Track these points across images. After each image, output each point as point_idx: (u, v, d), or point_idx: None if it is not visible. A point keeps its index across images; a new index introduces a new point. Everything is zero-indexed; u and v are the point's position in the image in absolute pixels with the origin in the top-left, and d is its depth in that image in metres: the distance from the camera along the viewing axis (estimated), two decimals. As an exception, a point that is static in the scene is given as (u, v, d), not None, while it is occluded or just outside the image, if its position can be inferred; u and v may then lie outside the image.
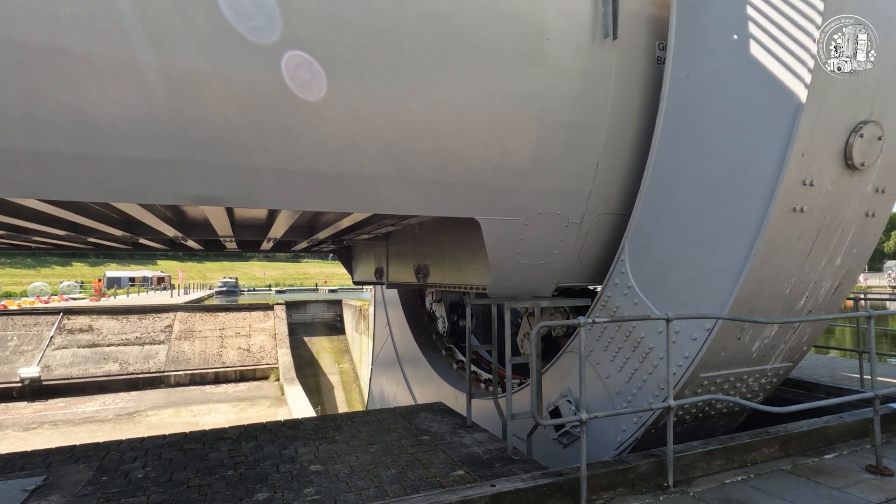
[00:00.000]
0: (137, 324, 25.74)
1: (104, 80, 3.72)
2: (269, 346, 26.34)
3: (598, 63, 5.22)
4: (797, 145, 4.06)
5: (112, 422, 17.76)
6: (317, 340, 31.72)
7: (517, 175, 5.27)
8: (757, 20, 4.40)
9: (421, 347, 11.47)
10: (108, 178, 3.88)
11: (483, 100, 4.86)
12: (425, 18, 4.50)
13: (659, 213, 5.15)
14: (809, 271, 4.66)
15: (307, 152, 4.42)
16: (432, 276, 7.75)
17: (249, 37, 4.00)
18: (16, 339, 23.48)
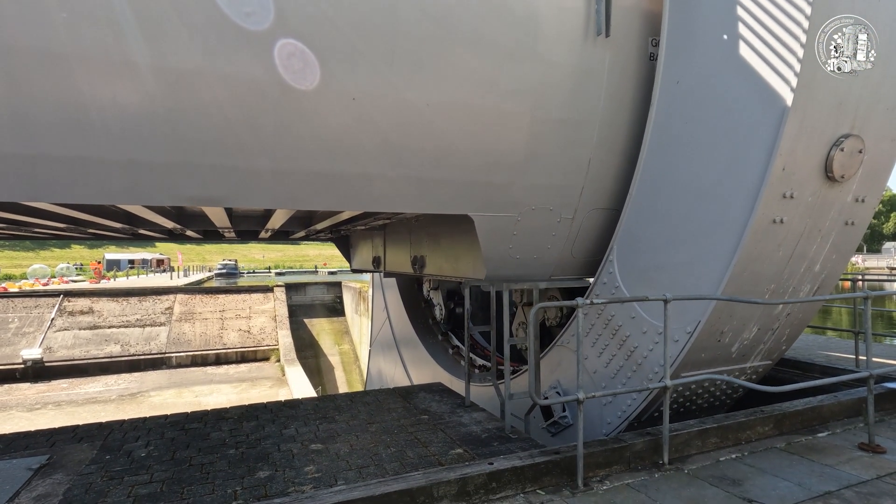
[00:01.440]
0: (138, 306, 25.86)
1: (97, 81, 3.74)
2: (269, 327, 26.51)
3: (591, 60, 5.23)
4: (778, 160, 4.13)
5: (115, 402, 17.96)
6: (317, 322, 31.92)
7: (510, 171, 5.31)
8: (744, 35, 4.44)
9: (417, 332, 11.58)
10: (104, 180, 3.92)
11: (477, 96, 4.89)
12: (420, 13, 4.50)
13: (646, 217, 5.23)
14: (789, 277, 4.77)
15: (303, 151, 4.46)
16: (428, 267, 7.80)
17: (241, 23, 3.98)
18: (17, 321, 23.60)
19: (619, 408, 5.31)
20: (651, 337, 4.95)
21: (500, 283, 5.97)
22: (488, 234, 5.53)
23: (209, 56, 3.93)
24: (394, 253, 9.77)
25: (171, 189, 4.11)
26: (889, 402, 5.34)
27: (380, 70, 4.45)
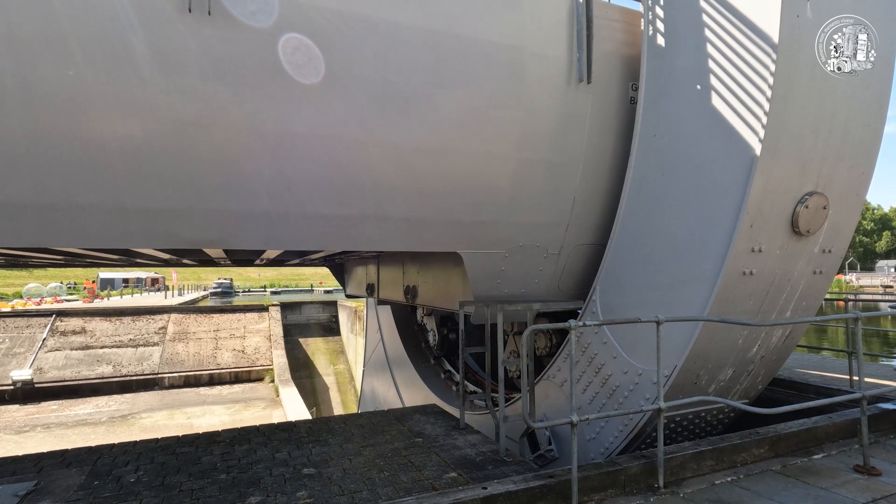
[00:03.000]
0: (131, 325, 25.64)
1: (103, 131, 3.91)
2: (263, 347, 26.29)
3: (573, 104, 5.46)
4: (746, 217, 4.32)
5: (105, 424, 17.68)
6: (312, 342, 31.67)
7: (497, 210, 5.50)
8: (714, 93, 4.67)
9: (410, 356, 11.60)
10: (107, 227, 4.09)
11: (463, 140, 5.09)
12: (408, 63, 4.73)
13: (627, 262, 5.41)
14: (763, 318, 4.90)
15: (296, 194, 4.63)
16: (420, 297, 7.89)
17: (238, 75, 4.20)
18: (7, 341, 23.33)
19: (602, 443, 5.36)
20: (631, 377, 5.09)
21: (494, 304, 6.00)
22: (477, 270, 5.68)
23: (208, 106, 4.11)
24: (387, 281, 9.83)
25: (170, 233, 4.26)
26: (884, 423, 5.33)
27: (370, 117, 4.65)
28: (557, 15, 5.36)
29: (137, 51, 3.88)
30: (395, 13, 4.63)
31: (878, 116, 4.61)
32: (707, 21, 4.72)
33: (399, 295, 8.68)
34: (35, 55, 3.64)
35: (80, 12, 3.71)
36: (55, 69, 3.70)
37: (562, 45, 5.36)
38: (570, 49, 5.38)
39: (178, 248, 4.86)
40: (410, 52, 4.70)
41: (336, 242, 4.99)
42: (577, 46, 5.38)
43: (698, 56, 4.79)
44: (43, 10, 3.62)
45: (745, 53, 4.38)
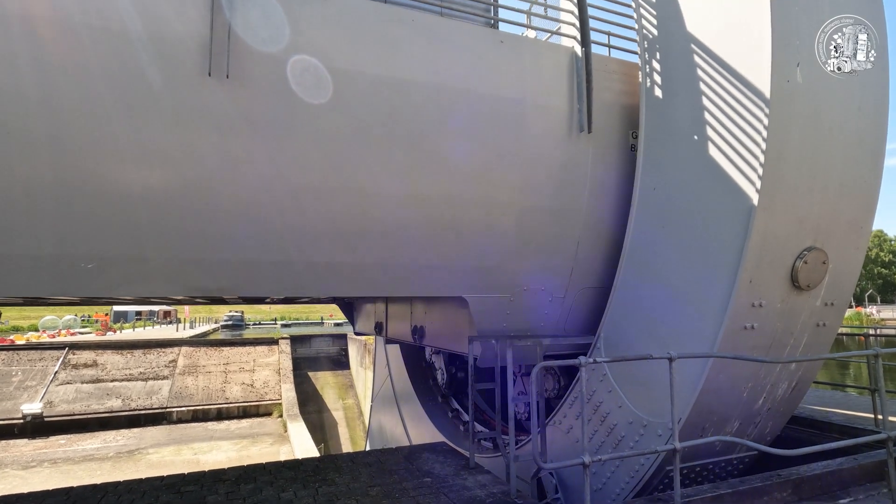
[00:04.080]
0: (142, 359, 25.76)
1: (124, 186, 4.16)
2: (272, 381, 26.20)
3: (575, 153, 5.65)
4: (745, 273, 4.36)
5: (112, 460, 17.59)
6: (321, 375, 31.49)
7: (502, 256, 5.62)
8: (710, 149, 4.78)
9: (418, 393, 11.56)
10: (127, 277, 4.28)
11: (468, 188, 5.28)
12: (415, 115, 4.97)
13: (629, 313, 5.45)
14: (765, 376, 4.90)
15: (305, 242, 4.80)
16: (428, 338, 7.96)
17: (250, 132, 4.45)
18: (20, 374, 23.52)
19: (609, 494, 5.32)
20: (636, 428, 5.05)
21: (503, 339, 6.05)
22: (482, 314, 5.76)
23: (224, 161, 4.34)
24: (395, 320, 9.92)
25: (186, 282, 4.44)
26: (913, 463, 5.18)
27: (379, 168, 4.86)
28: (558, 69, 5.61)
29: (161, 110, 4.14)
30: (403, 71, 4.89)
31: (873, 173, 4.70)
32: (702, 75, 4.91)
33: (407, 335, 8.74)
34: (67, 113, 3.90)
35: (111, 74, 3.98)
36: (84, 126, 3.95)
37: (563, 97, 5.59)
38: (570, 101, 5.60)
39: (194, 296, 5.02)
40: (417, 106, 4.94)
41: (345, 289, 5.13)
42: (577, 98, 5.60)
43: (694, 108, 4.96)
44: (77, 71, 3.90)
45: (739, 108, 4.53)
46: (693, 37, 4.99)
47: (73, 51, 3.89)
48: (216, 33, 4.17)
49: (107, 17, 3.95)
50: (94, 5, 3.91)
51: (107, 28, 3.95)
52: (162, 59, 4.09)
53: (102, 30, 3.94)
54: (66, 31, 3.85)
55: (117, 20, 3.98)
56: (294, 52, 4.51)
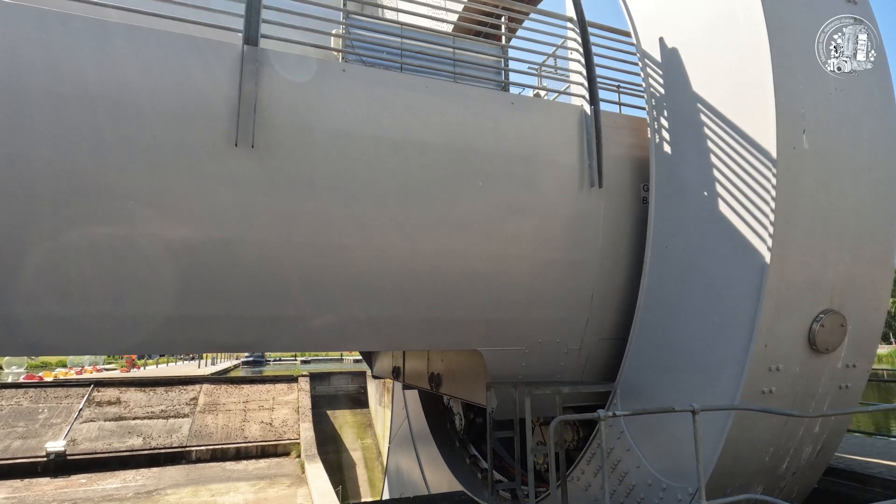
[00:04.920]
0: (164, 396, 25.98)
1: (150, 247, 4.39)
2: (291, 419, 26.08)
3: (586, 207, 5.77)
4: (760, 338, 4.31)
5: (131, 500, 17.57)
6: (340, 414, 31.26)
7: (516, 308, 5.69)
8: (720, 208, 4.81)
9: (435, 438, 11.45)
10: (146, 334, 4.48)
11: (481, 243, 5.40)
12: (429, 175, 5.17)
13: (644, 372, 5.42)
14: (787, 440, 4.77)
15: (323, 299, 4.96)
16: (444, 386, 7.98)
17: (268, 195, 4.67)
18: (46, 411, 23.90)
19: None
20: (656, 491, 4.94)
21: (523, 388, 6.03)
22: (497, 366, 5.80)
23: (247, 222, 4.57)
24: (412, 367, 9.95)
25: (204, 338, 4.62)
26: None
27: (395, 225, 5.05)
28: (568, 126, 5.79)
29: (188, 175, 4.41)
30: (418, 134, 5.13)
31: (889, 234, 4.68)
32: (709, 134, 5.01)
33: (424, 382, 8.75)
34: (104, 178, 4.17)
35: (146, 145, 4.28)
36: (118, 190, 4.22)
37: (573, 153, 5.75)
38: (581, 157, 5.75)
39: (214, 352, 5.20)
40: (432, 166, 5.16)
41: (361, 344, 5.24)
42: (587, 154, 5.74)
43: (703, 165, 5.03)
44: (117, 141, 4.20)
45: (747, 167, 4.57)
46: (699, 97, 5.13)
47: (115, 123, 4.21)
48: (243, 106, 4.46)
49: (143, 94, 4.29)
50: (131, 84, 4.25)
51: (143, 104, 4.29)
52: (193, 132, 4.39)
53: (139, 105, 4.28)
54: (113, 107, 4.19)
55: (153, 97, 4.31)
56: (315, 120, 4.79)
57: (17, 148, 3.93)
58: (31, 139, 3.99)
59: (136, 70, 4.26)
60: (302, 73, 4.80)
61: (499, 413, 6.01)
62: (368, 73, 5.13)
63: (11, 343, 4.10)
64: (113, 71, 4.18)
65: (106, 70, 4.16)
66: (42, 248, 4.09)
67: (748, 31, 4.49)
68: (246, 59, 4.52)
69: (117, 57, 4.21)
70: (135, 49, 4.28)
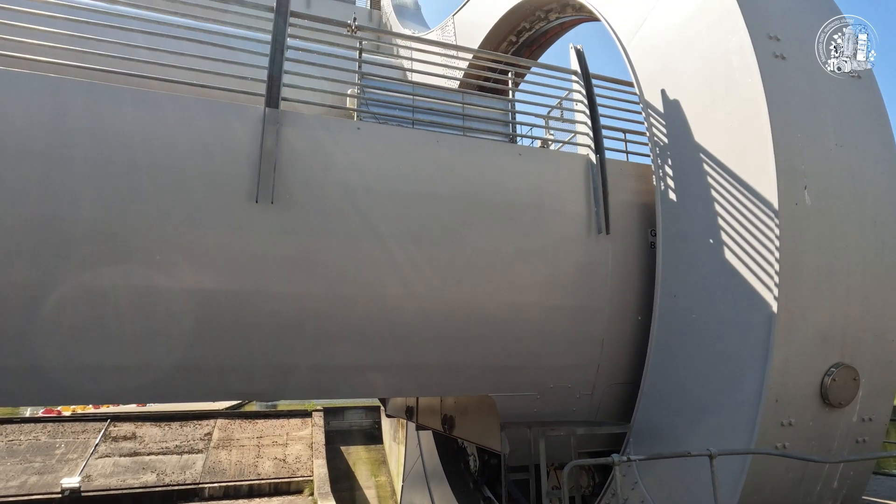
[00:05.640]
0: (178, 431, 25.95)
1: (172, 300, 4.58)
2: (304, 456, 25.80)
3: (594, 254, 5.86)
4: (770, 392, 4.27)
5: (144, 541, 17.41)
6: (353, 450, 30.81)
7: (527, 355, 5.74)
8: (726, 257, 4.85)
9: (449, 478, 11.32)
10: (169, 383, 4.63)
11: (492, 291, 5.51)
12: (440, 227, 5.34)
13: (656, 424, 5.38)
14: (805, 496, 4.68)
15: (338, 350, 5.09)
16: (457, 429, 7.98)
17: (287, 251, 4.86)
18: (63, 446, 24.01)
19: None
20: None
21: (538, 428, 6.02)
22: (509, 412, 5.80)
23: (265, 274, 4.74)
24: (425, 408, 9.97)
25: (224, 386, 4.77)
26: None
27: (407, 275, 5.19)
28: (574, 175, 5.96)
29: (213, 230, 4.63)
30: (429, 187, 5.34)
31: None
32: (712, 183, 5.13)
33: (437, 423, 8.74)
34: (128, 238, 4.42)
35: (172, 199, 4.53)
36: (144, 244, 4.44)
37: (580, 200, 5.90)
38: (588, 204, 5.89)
39: (232, 400, 5.36)
40: (442, 217, 5.33)
41: (376, 391, 5.34)
42: (594, 202, 5.88)
43: (708, 213, 5.10)
44: (146, 199, 4.46)
45: (751, 217, 4.63)
46: (702, 147, 5.27)
47: (149, 184, 4.50)
48: (264, 164, 4.72)
49: (176, 155, 4.59)
50: (165, 147, 4.56)
51: (175, 165, 4.58)
52: (218, 190, 4.66)
53: (172, 166, 4.57)
54: (148, 169, 4.50)
55: (185, 158, 4.61)
56: (331, 176, 5.03)
57: (58, 209, 4.20)
58: (71, 200, 4.28)
59: (171, 134, 4.58)
60: (319, 131, 5.08)
61: (513, 458, 5.99)
62: (381, 130, 5.40)
63: (46, 393, 4.29)
64: (150, 135, 4.50)
65: (144, 135, 4.48)
66: (74, 301, 4.31)
67: (747, 94, 4.63)
68: (267, 120, 4.80)
69: (155, 122, 4.54)
70: (171, 114, 4.61)
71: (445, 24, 14.14)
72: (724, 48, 4.89)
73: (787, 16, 5.00)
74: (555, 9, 9.35)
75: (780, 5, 5.05)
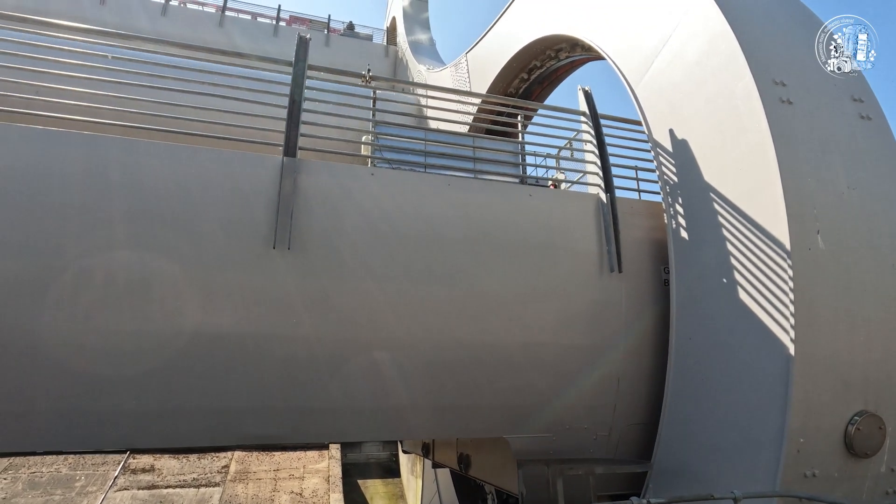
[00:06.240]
0: (196, 464, 25.91)
1: (191, 343, 4.70)
2: (321, 489, 25.46)
3: (607, 292, 5.85)
4: (790, 444, 4.13)
5: (159, 579, 17.25)
6: (371, 484, 30.35)
7: (541, 395, 5.70)
8: (740, 298, 4.77)
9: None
10: (188, 427, 4.73)
11: (506, 331, 5.52)
12: (451, 267, 5.40)
13: (675, 468, 5.27)
14: None
15: (352, 392, 5.13)
16: (473, 468, 7.90)
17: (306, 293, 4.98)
18: (83, 479, 24.12)
19: None
20: None
21: (556, 466, 5.93)
22: (524, 454, 5.74)
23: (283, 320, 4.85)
24: (441, 445, 9.90)
25: (236, 430, 4.82)
26: None
27: (420, 318, 5.27)
28: (585, 214, 6.02)
29: (233, 276, 4.78)
30: (440, 229, 5.45)
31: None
32: (723, 223, 5.13)
33: (453, 461, 8.64)
34: (155, 286, 4.59)
35: (197, 248, 4.72)
36: (167, 297, 4.62)
37: (591, 239, 5.94)
38: (599, 243, 5.92)
39: (245, 444, 5.42)
40: (454, 259, 5.42)
41: (389, 433, 5.36)
42: (605, 241, 5.92)
43: (720, 253, 5.08)
44: (174, 248, 4.65)
45: (764, 258, 4.60)
46: (712, 187, 5.30)
47: (176, 233, 4.69)
48: (282, 211, 4.89)
49: (201, 205, 4.81)
50: (192, 198, 4.79)
51: (200, 215, 4.78)
52: (239, 237, 4.83)
53: (197, 216, 4.77)
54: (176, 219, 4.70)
55: (209, 208, 4.82)
56: (346, 221, 5.18)
57: (94, 259, 4.42)
58: (106, 251, 4.49)
59: (197, 184, 4.81)
60: (334, 178, 5.26)
61: (531, 496, 5.88)
62: (394, 175, 5.57)
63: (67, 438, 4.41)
64: (179, 187, 4.74)
65: (173, 186, 4.72)
66: (102, 348, 4.46)
67: (754, 139, 4.66)
68: (285, 169, 5.00)
69: (184, 175, 4.79)
70: (196, 166, 4.86)
71: (459, 62, 14.56)
72: (729, 93, 4.96)
73: (793, 60, 5.06)
74: (565, 48, 9.60)
75: (786, 50, 5.12)
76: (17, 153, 4.43)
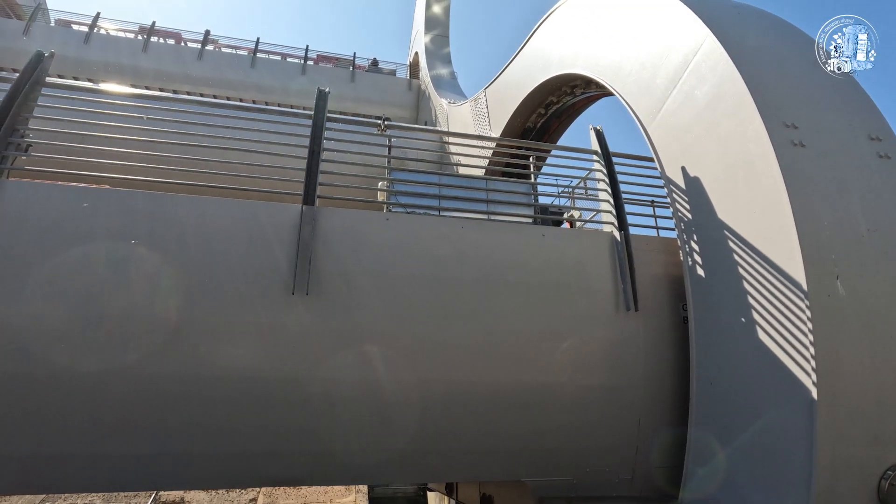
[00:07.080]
0: (224, 497, 25.85)
1: (212, 389, 4.84)
2: (347, 524, 25.19)
3: (624, 331, 5.77)
4: (818, 500, 3.94)
5: None
6: (397, 518, 29.77)
7: (559, 436, 5.62)
8: (758, 338, 4.67)
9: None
10: (205, 470, 4.84)
11: (522, 372, 5.50)
12: (464, 309, 5.47)
13: None
14: None
15: (371, 434, 5.18)
16: None
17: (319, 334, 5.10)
18: (117, 511, 24.47)
19: None
20: None
21: (578, 501, 5.79)
22: (546, 493, 5.63)
23: (302, 363, 4.98)
24: (465, 484, 9.78)
25: (257, 472, 4.91)
26: None
27: (436, 360, 5.31)
28: (599, 253, 6.02)
29: (252, 322, 4.97)
30: (456, 272, 5.54)
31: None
32: (739, 262, 5.06)
33: (475, 500, 8.52)
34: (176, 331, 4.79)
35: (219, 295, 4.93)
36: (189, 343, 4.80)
37: (606, 278, 5.92)
38: (615, 281, 5.90)
39: (266, 486, 5.52)
40: (469, 301, 5.48)
41: (408, 477, 5.37)
42: (620, 279, 5.90)
43: (737, 291, 4.97)
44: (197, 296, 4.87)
45: (784, 301, 4.45)
46: (726, 225, 5.25)
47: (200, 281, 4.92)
48: (300, 258, 5.08)
49: (224, 254, 5.03)
50: (216, 248, 5.03)
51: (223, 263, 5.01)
52: (260, 284, 5.03)
53: (221, 265, 5.00)
54: (200, 269, 4.93)
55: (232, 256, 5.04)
56: (362, 266, 5.34)
57: (128, 308, 4.66)
58: (128, 296, 4.74)
59: (221, 235, 5.06)
60: (351, 224, 5.45)
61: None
62: (409, 219, 5.73)
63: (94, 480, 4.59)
64: (204, 238, 5.00)
65: (199, 237, 4.99)
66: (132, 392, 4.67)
67: (767, 182, 4.59)
68: (304, 217, 5.21)
69: (208, 226, 5.06)
70: (220, 217, 5.12)
71: (478, 97, 14.92)
72: (740, 136, 4.95)
73: (806, 101, 5.02)
74: (580, 85, 9.78)
75: (798, 91, 5.09)
76: (59, 209, 4.79)
